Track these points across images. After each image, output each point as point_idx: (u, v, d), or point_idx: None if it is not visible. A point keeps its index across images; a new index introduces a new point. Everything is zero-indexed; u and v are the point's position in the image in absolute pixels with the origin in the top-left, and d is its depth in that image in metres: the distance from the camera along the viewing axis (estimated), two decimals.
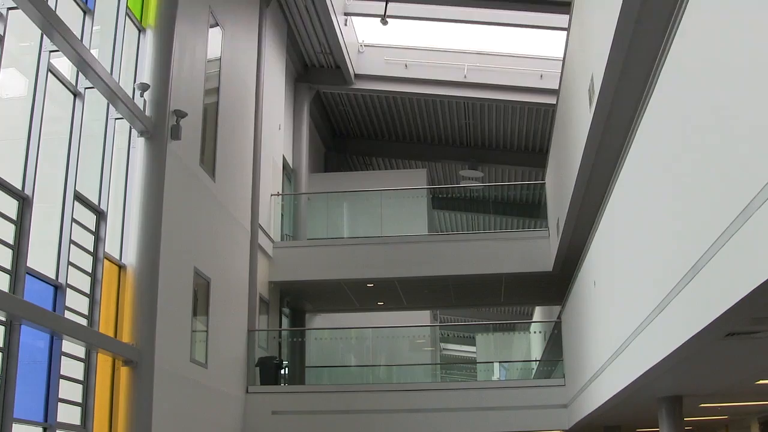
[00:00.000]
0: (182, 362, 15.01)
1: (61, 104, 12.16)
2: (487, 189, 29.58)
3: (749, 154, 5.32)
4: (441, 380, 26.77)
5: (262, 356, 19.77)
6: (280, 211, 22.92)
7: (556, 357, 20.45)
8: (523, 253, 21.19)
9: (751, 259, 5.34)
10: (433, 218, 26.73)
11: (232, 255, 18.30)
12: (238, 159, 18.87)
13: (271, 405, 18.93)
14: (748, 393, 12.37)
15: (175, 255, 14.59)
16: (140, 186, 13.97)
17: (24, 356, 10.44)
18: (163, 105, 14.28)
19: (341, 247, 22.35)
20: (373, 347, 23.53)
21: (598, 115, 12.04)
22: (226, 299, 17.70)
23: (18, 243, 10.51)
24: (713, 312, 6.28)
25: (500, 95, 24.99)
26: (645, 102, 8.44)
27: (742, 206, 5.37)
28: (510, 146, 29.27)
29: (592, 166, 13.85)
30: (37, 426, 11.03)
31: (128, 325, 13.42)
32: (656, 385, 10.72)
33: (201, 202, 16.28)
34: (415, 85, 25.43)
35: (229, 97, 18.31)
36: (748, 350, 8.15)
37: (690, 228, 6.95)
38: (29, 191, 10.78)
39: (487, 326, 35.31)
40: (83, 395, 12.22)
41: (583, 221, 15.77)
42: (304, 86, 25.29)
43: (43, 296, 11.26)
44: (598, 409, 13.99)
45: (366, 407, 19.17)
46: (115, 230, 13.69)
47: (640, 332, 9.39)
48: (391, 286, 22.46)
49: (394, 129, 29.49)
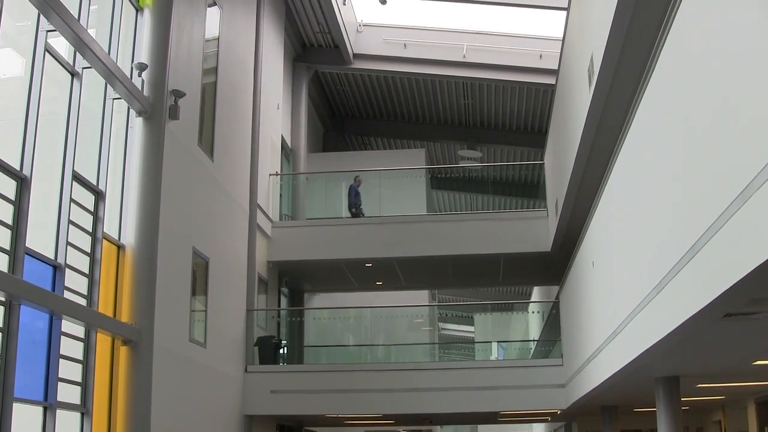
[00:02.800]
0: (181, 342, 15.05)
1: (59, 84, 12.13)
2: (486, 169, 29.58)
3: (749, 135, 5.32)
4: (439, 360, 26.84)
5: (261, 335, 19.82)
6: (279, 190, 22.91)
7: (554, 337, 20.51)
8: (522, 233, 21.19)
9: (749, 240, 5.35)
10: (431, 198, 26.76)
11: (231, 235, 18.30)
12: (236, 139, 18.86)
13: (269, 384, 18.99)
14: (745, 373, 12.41)
15: (173, 235, 14.60)
16: (139, 166, 13.95)
17: (24, 336, 10.46)
18: (161, 85, 14.25)
19: (340, 227, 22.35)
20: (371, 327, 23.56)
21: (597, 95, 12.02)
22: (225, 279, 17.72)
23: (17, 223, 10.51)
24: (711, 293, 6.29)
25: (499, 75, 24.93)
26: (644, 82, 8.43)
27: (741, 187, 5.37)
28: (509, 126, 29.23)
29: (591, 146, 13.84)
30: (37, 405, 11.07)
31: (127, 305, 13.44)
32: (653, 365, 10.76)
33: (199, 182, 16.28)
34: (413, 65, 25.36)
35: (228, 77, 18.27)
36: (746, 331, 8.17)
37: (688, 209, 6.96)
38: (27, 172, 10.77)
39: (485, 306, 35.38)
40: (83, 375, 12.26)
41: (582, 202, 15.77)
42: (302, 66, 25.23)
43: (43, 276, 11.27)
44: (596, 389, 14.04)
45: (364, 386, 19.24)
46: (114, 210, 13.69)
47: (638, 313, 9.41)
48: (389, 265, 22.48)
49: (392, 109, 29.44)
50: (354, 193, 22.95)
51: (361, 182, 23.16)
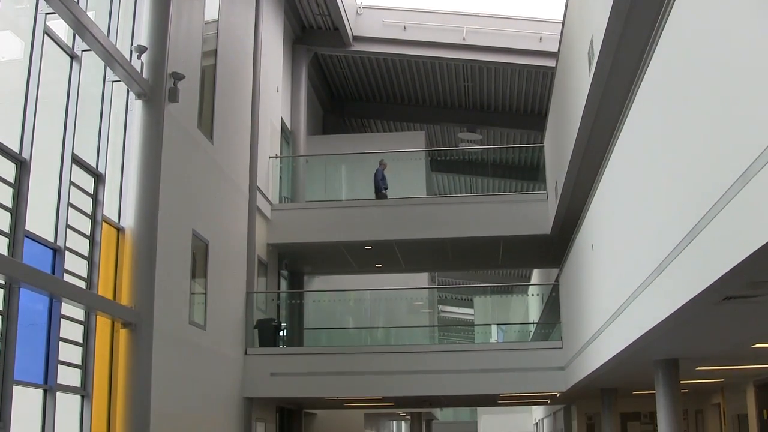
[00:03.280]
0: (181, 324, 15.06)
1: (58, 67, 12.09)
2: (486, 151, 29.55)
3: (749, 118, 5.31)
4: (439, 342, 26.88)
5: (261, 318, 19.84)
6: (279, 173, 22.90)
7: (553, 320, 20.53)
8: (522, 216, 21.19)
9: (749, 223, 5.35)
10: (431, 181, 26.75)
11: (231, 217, 18.30)
12: (236, 121, 18.83)
13: (269, 366, 19.02)
14: (744, 356, 12.44)
15: (173, 217, 14.59)
16: (138, 149, 13.93)
17: (23, 319, 10.46)
18: (160, 67, 14.20)
19: (339, 209, 22.37)
20: (371, 309, 23.62)
21: (597, 77, 12.00)
22: (225, 261, 17.73)
23: (16, 206, 10.50)
24: (711, 276, 6.29)
25: (499, 58, 24.87)
26: (644, 65, 8.41)
27: (741, 170, 5.36)
28: (509, 109, 29.19)
29: (591, 129, 13.82)
30: (37, 388, 11.09)
31: (127, 288, 13.44)
32: (653, 348, 10.78)
33: (199, 165, 16.26)
34: (413, 48, 25.30)
35: (227, 60, 18.23)
36: (745, 314, 8.18)
37: (688, 192, 6.95)
38: (27, 155, 10.75)
39: (485, 289, 35.46)
40: (83, 357, 12.28)
41: (582, 184, 15.76)
42: (302, 48, 25.17)
43: (42, 259, 11.26)
44: (595, 372, 14.07)
45: (364, 369, 19.27)
46: (114, 193, 13.68)
47: (638, 296, 9.42)
48: (389, 248, 22.49)
49: (392, 91, 29.39)
50: (380, 176, 22.91)
51: (386, 166, 23.14)
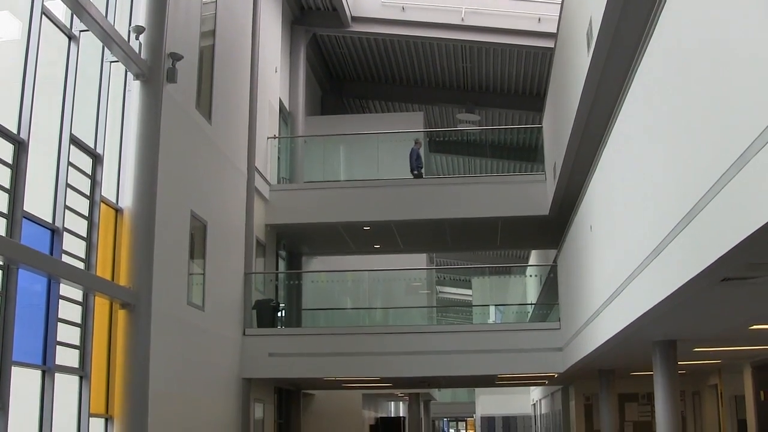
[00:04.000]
0: (179, 305, 15.08)
1: (56, 48, 12.06)
2: (484, 132, 29.53)
3: (748, 100, 5.30)
4: (437, 323, 26.96)
5: (259, 299, 19.86)
6: (277, 154, 22.86)
7: (551, 301, 20.56)
8: (520, 197, 21.19)
9: (747, 204, 5.35)
10: (429, 161, 26.71)
11: (229, 198, 18.30)
12: (234, 102, 18.80)
13: (267, 347, 19.05)
14: (741, 338, 12.48)
15: (171, 198, 14.59)
16: (136, 129, 13.90)
17: (22, 300, 10.48)
18: (158, 48, 14.16)
19: (338, 190, 22.35)
20: (369, 290, 23.63)
21: (595, 59, 11.98)
22: (223, 242, 17.74)
23: (14, 187, 10.49)
24: (709, 257, 6.30)
25: (498, 38, 24.78)
26: (643, 46, 8.39)
27: (740, 152, 5.36)
28: (507, 90, 29.12)
29: (589, 110, 13.81)
30: (35, 369, 11.12)
31: (125, 268, 13.45)
32: (651, 329, 10.81)
33: (197, 146, 16.24)
34: (412, 28, 25.21)
35: (225, 40, 18.18)
36: (743, 295, 8.21)
37: (687, 173, 6.95)
38: (25, 135, 10.73)
39: (483, 270, 35.47)
40: (81, 338, 12.30)
41: (580, 165, 15.76)
42: (300, 29, 25.08)
43: (40, 240, 11.27)
44: (593, 353, 14.10)
45: (362, 350, 19.31)
46: (112, 174, 13.67)
47: (636, 277, 9.43)
48: (387, 229, 22.48)
49: (390, 72, 29.31)
50: (415, 155, 22.85)
51: (421, 144, 23.10)
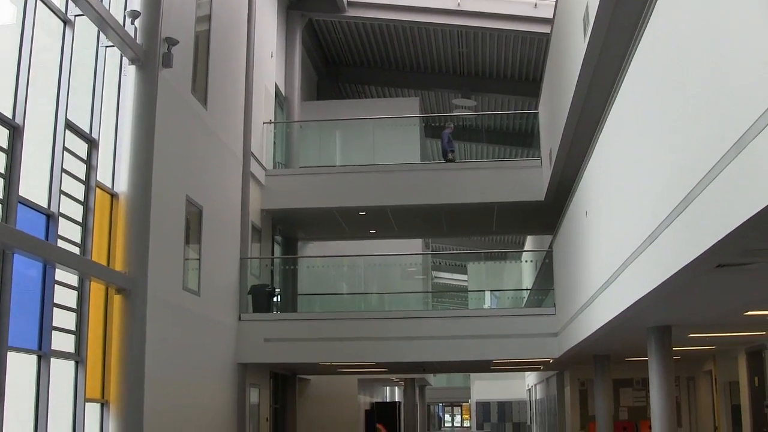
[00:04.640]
0: (175, 290, 15.08)
1: (51, 32, 12.01)
2: (480, 118, 29.49)
3: (744, 85, 5.30)
4: (432, 308, 26.99)
5: (255, 284, 19.87)
6: (273, 139, 22.85)
7: (547, 286, 20.59)
8: (516, 183, 21.21)
9: (743, 190, 5.35)
10: (425, 147, 26.71)
11: (225, 183, 18.27)
12: (230, 87, 18.75)
13: (263, 332, 19.08)
14: (736, 324, 12.51)
15: (167, 183, 14.57)
16: (132, 114, 13.86)
17: (17, 285, 10.46)
18: (154, 32, 14.11)
19: (333, 175, 22.35)
20: (364, 275, 23.66)
21: (592, 44, 11.96)
22: (219, 227, 17.72)
23: (9, 172, 10.46)
24: (704, 243, 6.31)
25: (494, 24, 24.73)
26: (640, 32, 8.38)
27: (736, 138, 5.36)
28: (503, 75, 29.09)
29: (585, 95, 13.80)
30: (31, 354, 11.11)
31: (121, 254, 13.44)
32: (646, 315, 10.83)
33: (193, 130, 16.21)
34: (408, 13, 25.15)
35: (221, 25, 18.13)
36: (738, 281, 8.22)
37: (683, 159, 6.95)
38: (20, 120, 10.70)
39: (478, 255, 35.53)
40: (77, 323, 12.29)
41: (576, 151, 15.76)
42: (296, 14, 25.01)
43: (36, 225, 11.25)
44: (588, 338, 14.13)
45: (357, 335, 19.33)
46: (107, 159, 13.63)
47: (631, 262, 9.44)
48: (383, 214, 22.50)
49: (387, 57, 29.26)
50: (447, 139, 22.80)
51: (452, 128, 23.06)
